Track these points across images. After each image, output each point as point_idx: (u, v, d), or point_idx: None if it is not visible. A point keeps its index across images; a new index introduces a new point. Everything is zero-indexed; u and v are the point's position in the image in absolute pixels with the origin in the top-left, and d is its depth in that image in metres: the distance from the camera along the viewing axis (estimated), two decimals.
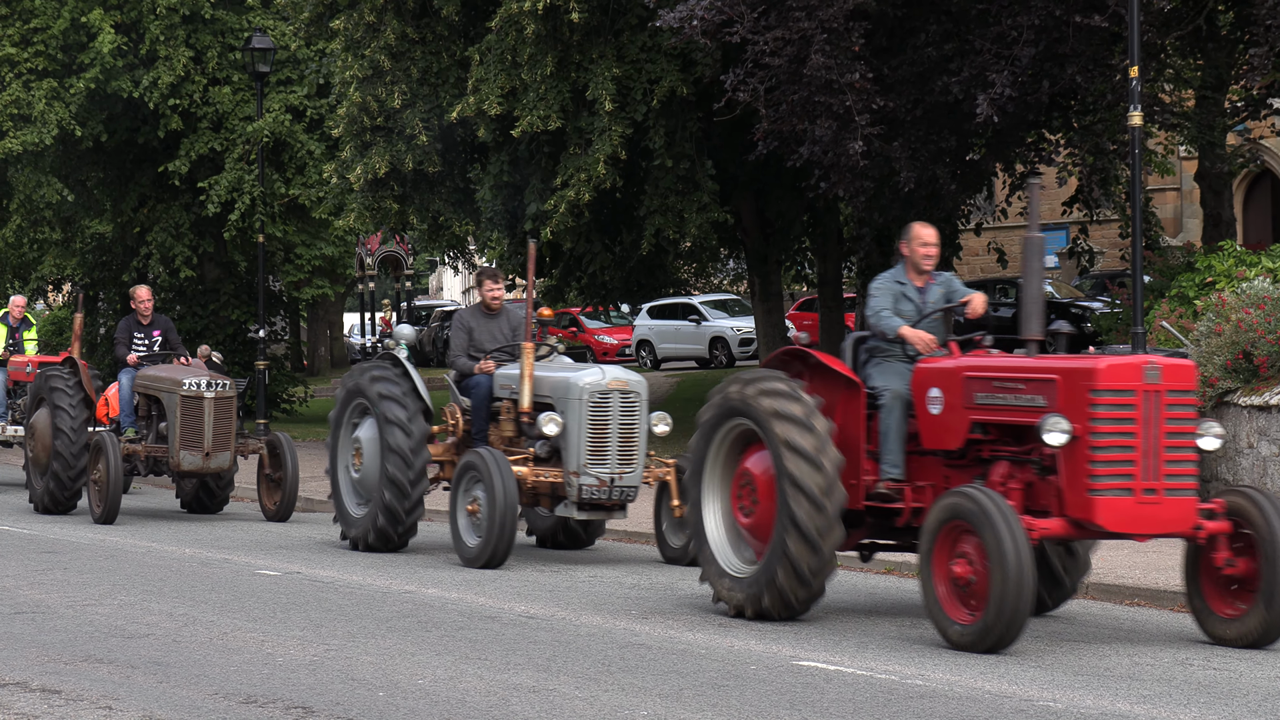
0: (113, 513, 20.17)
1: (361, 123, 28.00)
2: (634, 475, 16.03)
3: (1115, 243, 47.62)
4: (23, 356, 25.95)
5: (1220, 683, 10.26)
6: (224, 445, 20.46)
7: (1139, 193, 19.14)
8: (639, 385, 16.13)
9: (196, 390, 20.31)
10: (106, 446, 20.17)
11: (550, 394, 16.14)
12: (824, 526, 11.95)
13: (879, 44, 23.12)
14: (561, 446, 15.94)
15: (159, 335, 21.94)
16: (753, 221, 28.87)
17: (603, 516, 16.38)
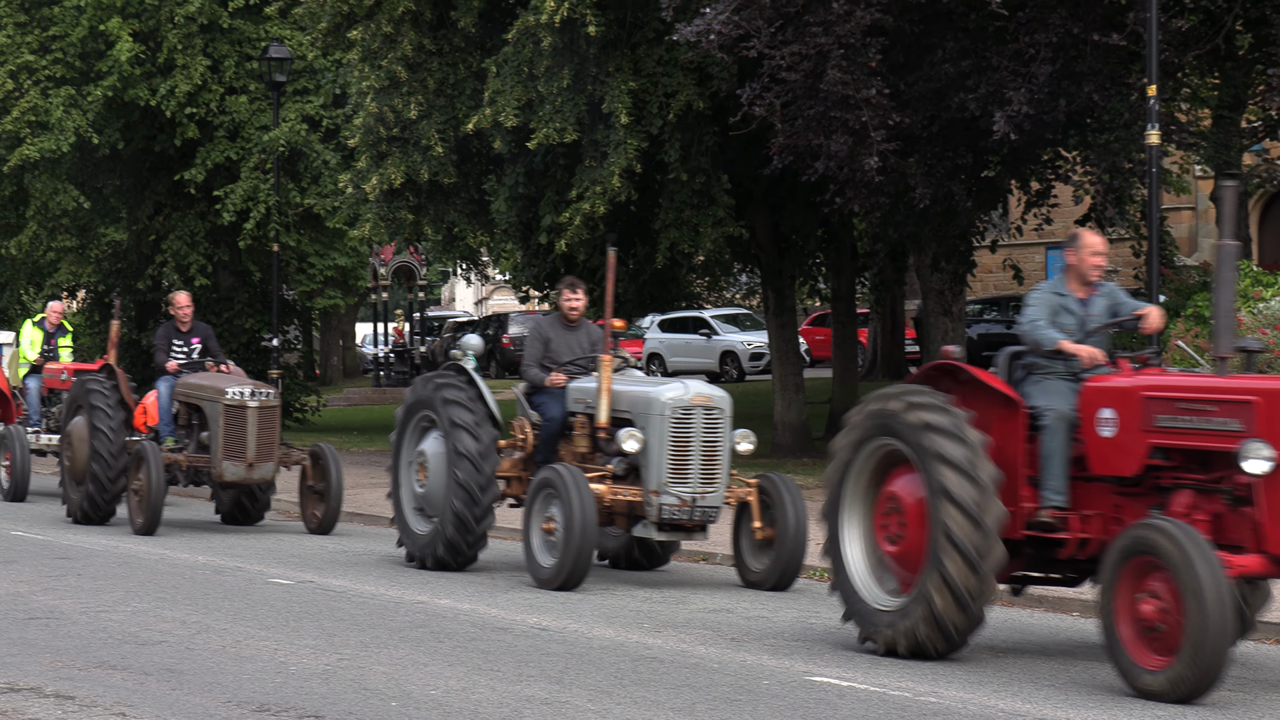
0: (154, 523, 19.70)
1: (377, 133, 28.03)
2: (716, 495, 15.24)
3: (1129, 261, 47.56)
4: (58, 364, 25.48)
5: (1235, 702, 10.23)
6: (267, 456, 20.05)
7: (1156, 212, 19.13)
8: (722, 401, 15.37)
9: (240, 399, 19.87)
10: (148, 456, 19.64)
11: (629, 409, 15.45)
12: (983, 544, 11.01)
13: (896, 60, 23.12)
14: (641, 464, 15.22)
15: (198, 343, 21.45)
16: (767, 236, 28.88)
17: (682, 538, 15.60)
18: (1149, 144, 18.66)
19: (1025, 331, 11.83)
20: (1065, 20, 21.48)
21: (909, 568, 11.49)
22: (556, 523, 14.90)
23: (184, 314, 21.45)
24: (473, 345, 16.76)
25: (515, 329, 57.68)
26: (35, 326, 26.00)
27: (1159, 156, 19.32)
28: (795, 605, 14.12)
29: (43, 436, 25.08)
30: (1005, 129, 21.13)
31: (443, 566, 16.09)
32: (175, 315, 21.51)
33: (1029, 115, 21.31)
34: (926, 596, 11.15)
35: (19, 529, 20.59)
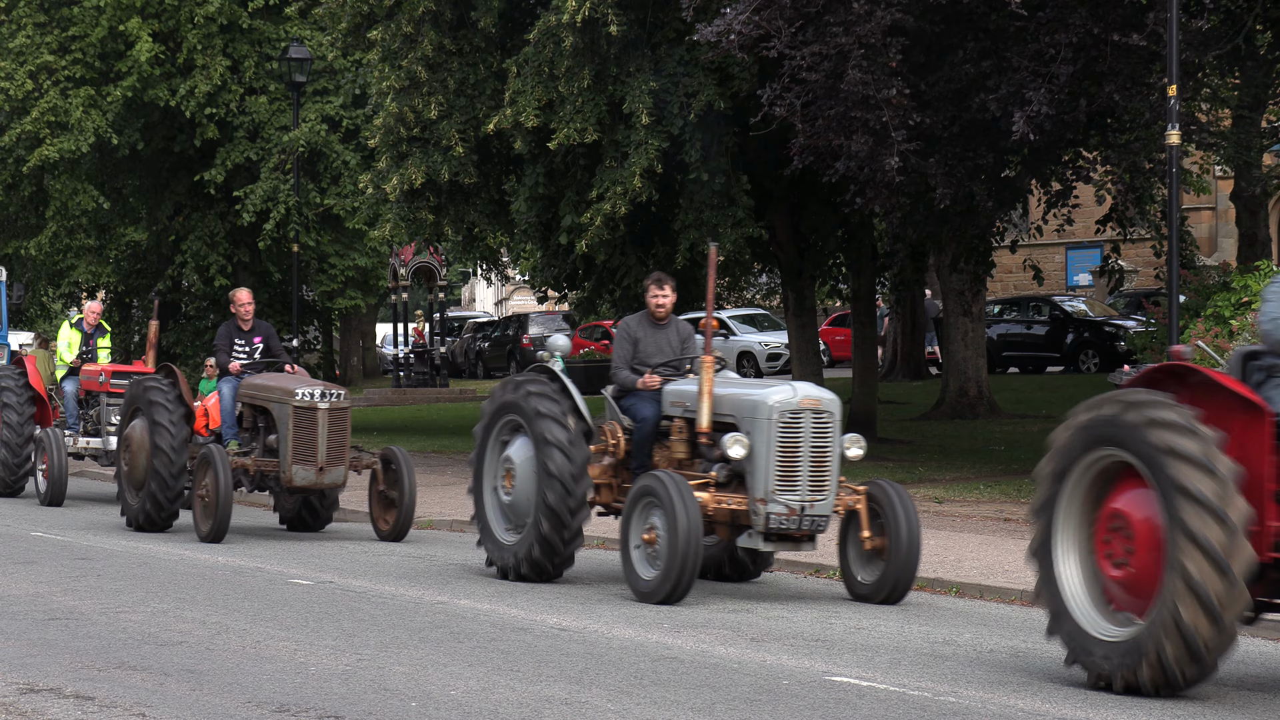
0: (221, 530, 18.83)
1: (398, 133, 28.05)
2: (825, 503, 14.36)
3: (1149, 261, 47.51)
4: (96, 365, 24.78)
5: (1254, 703, 10.20)
6: (338, 460, 19.16)
7: (1176, 212, 19.09)
8: (832, 404, 14.43)
9: (310, 401, 19.01)
10: (215, 460, 18.79)
11: (732, 413, 14.57)
12: (1227, 595, 9.84)
13: (916, 60, 23.09)
14: (746, 470, 14.32)
15: (260, 342, 20.56)
16: (787, 236, 28.85)
17: (789, 549, 14.77)
18: (1169, 144, 18.61)
19: (1267, 331, 10.65)
20: (1085, 20, 21.44)
21: (1137, 594, 10.36)
22: (659, 533, 14.11)
23: (245, 312, 20.53)
24: (560, 346, 15.96)
25: (535, 330, 57.70)
26: (73, 328, 25.38)
27: (1179, 156, 19.27)
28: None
29: (80, 440, 24.49)
30: (1025, 129, 21.09)
31: (537, 568, 15.35)
32: (236, 313, 20.61)
33: (1049, 115, 21.27)
34: (1155, 640, 10.05)
35: (39, 530, 20.63)
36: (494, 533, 15.76)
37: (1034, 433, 29.95)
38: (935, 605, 14.61)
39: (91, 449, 24.40)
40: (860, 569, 14.76)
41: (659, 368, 15.53)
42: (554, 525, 14.99)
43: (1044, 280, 37.99)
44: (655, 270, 16.06)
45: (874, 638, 12.57)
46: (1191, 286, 24.61)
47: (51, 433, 23.83)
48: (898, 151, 21.69)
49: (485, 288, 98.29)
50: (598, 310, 34.20)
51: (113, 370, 24.26)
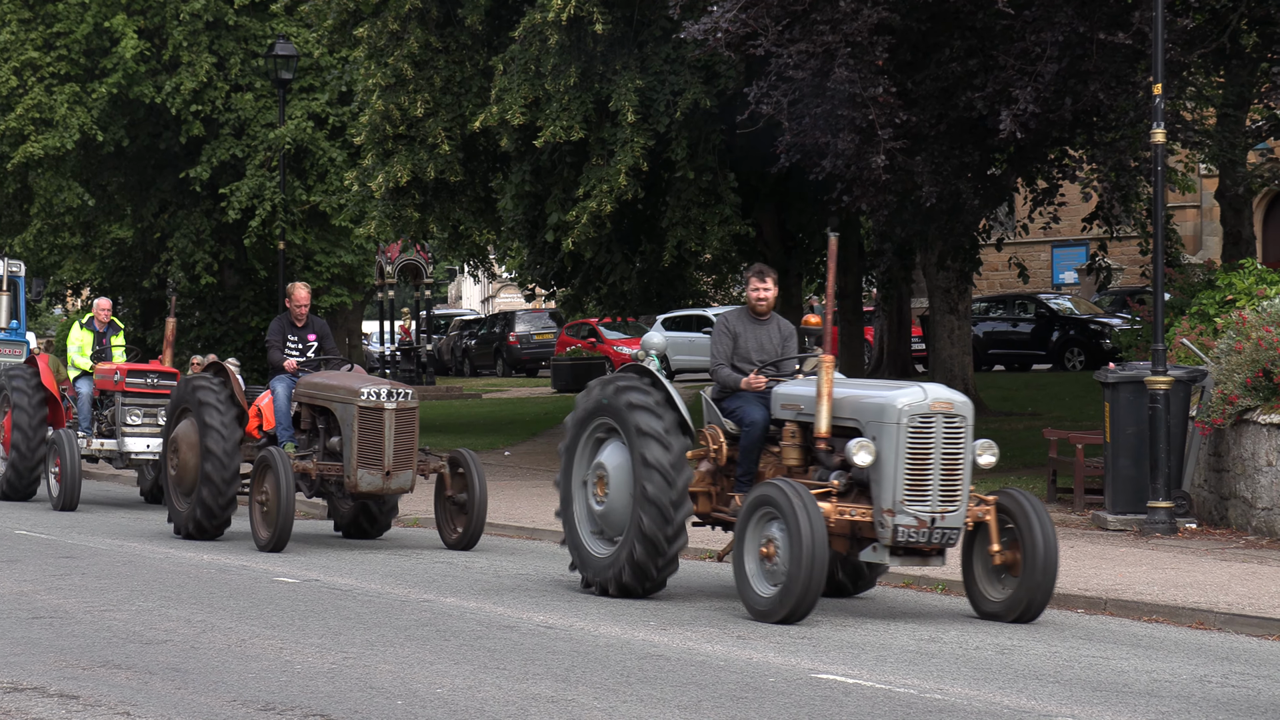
0: (283, 539, 17.76)
1: (384, 131, 28.04)
2: (957, 515, 13.25)
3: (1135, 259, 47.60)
4: (110, 364, 23.66)
5: (1238, 699, 10.23)
6: (406, 463, 18.03)
7: (1161, 210, 19.13)
8: (964, 407, 13.36)
9: (376, 401, 17.88)
10: (277, 464, 17.68)
11: (855, 416, 13.50)
12: None
13: (903, 59, 23.11)
14: (871, 479, 13.26)
15: (313, 339, 19.51)
16: (774, 234, 28.87)
17: (917, 564, 13.64)
18: (1154, 142, 18.65)
19: None
20: (1071, 19, 21.46)
21: None
22: (778, 546, 13.00)
23: (302, 310, 19.48)
24: (655, 344, 14.79)
25: (522, 327, 57.68)
26: (84, 329, 24.21)
27: (1164, 155, 19.31)
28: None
29: (95, 441, 23.41)
30: (1011, 127, 21.11)
31: (627, 593, 14.18)
32: (291, 309, 19.52)
33: (1035, 114, 21.29)
34: None
35: (23, 528, 20.59)
36: (587, 547, 14.64)
37: (1020, 430, 29.96)
38: (921, 602, 14.63)
39: (106, 451, 23.37)
40: (989, 585, 13.67)
41: (763, 367, 14.47)
42: (656, 519, 13.87)
43: (1030, 278, 38.03)
44: (755, 267, 14.95)
45: (859, 635, 12.58)
46: (1176, 284, 24.66)
47: (65, 434, 22.90)
48: (884, 150, 21.70)
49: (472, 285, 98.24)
50: (584, 308, 34.20)
51: (129, 369, 23.33)
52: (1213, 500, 18.89)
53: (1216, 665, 11.51)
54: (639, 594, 14.12)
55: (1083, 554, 16.78)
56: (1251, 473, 17.94)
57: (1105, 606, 14.12)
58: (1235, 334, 18.63)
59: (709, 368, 14.66)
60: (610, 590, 14.23)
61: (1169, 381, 18.23)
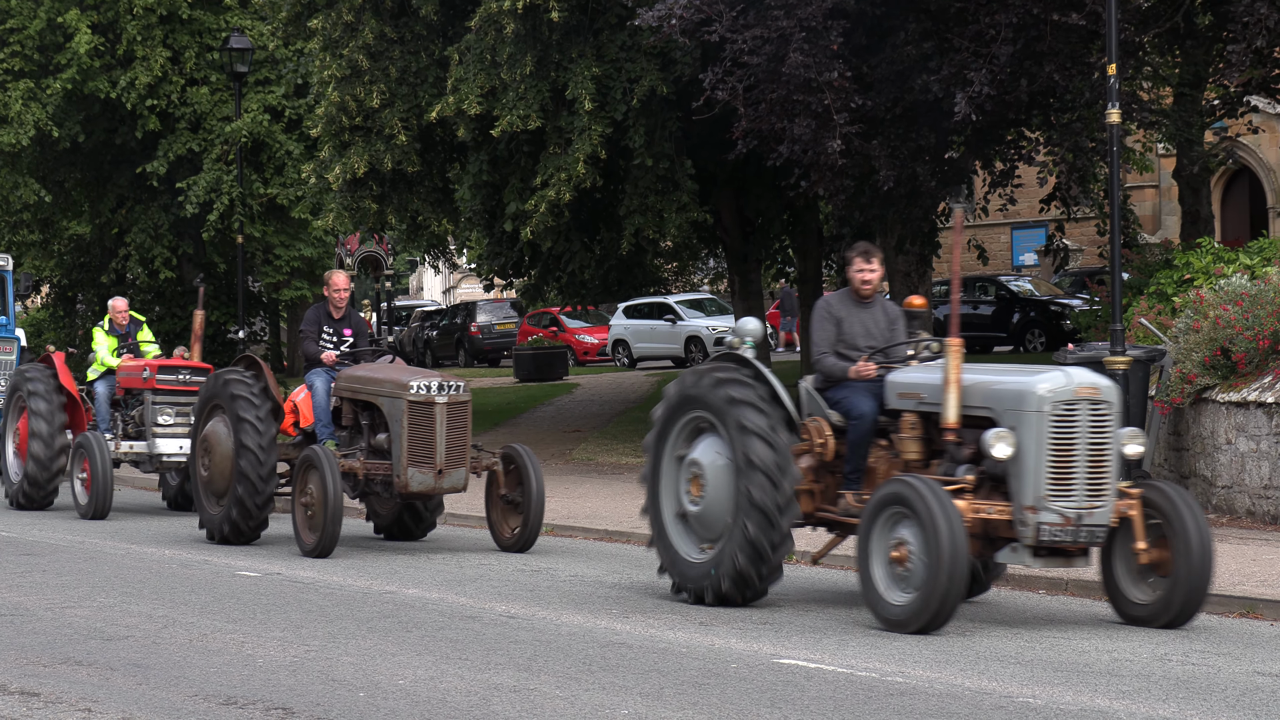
0: (330, 543, 16.58)
1: (340, 122, 27.97)
2: (1104, 511, 12.16)
3: (1094, 240, 47.81)
4: (137, 360, 22.16)
5: (1198, 678, 10.28)
6: (458, 461, 16.87)
7: (1117, 190, 19.20)
8: (1111, 392, 12.28)
9: (426, 395, 16.72)
10: (322, 463, 16.51)
11: (988, 404, 12.37)
12: None
13: (858, 43, 23.14)
14: (1010, 474, 12.15)
15: (350, 333, 18.45)
16: (733, 220, 28.88)
17: (1060, 565, 12.52)
18: (1110, 123, 18.71)
19: None
20: (1025, 1, 21.52)
21: None
22: (911, 549, 11.89)
23: (340, 298, 18.36)
24: (751, 330, 13.58)
25: (483, 318, 57.63)
26: (107, 334, 22.63)
27: (1120, 135, 19.38)
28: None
29: (123, 444, 21.76)
30: (967, 110, 21.17)
31: (726, 602, 13.07)
32: (330, 298, 18.40)
33: (990, 96, 21.36)
34: None
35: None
36: (680, 552, 13.48)
37: None
38: None
39: (135, 453, 21.73)
40: (1133, 586, 12.54)
41: (873, 354, 13.34)
42: (761, 525, 12.74)
43: (989, 260, 38.13)
44: (859, 245, 13.83)
45: (822, 620, 12.60)
46: (1135, 265, 24.75)
47: (94, 437, 21.22)
48: (840, 134, 21.74)
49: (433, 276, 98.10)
50: (545, 297, 34.18)
51: (159, 365, 21.73)
52: (1173, 479, 18.98)
53: (1177, 644, 11.57)
54: (738, 602, 13.05)
55: None
56: (1211, 451, 18.03)
57: (1066, 587, 14.17)
58: (1193, 313, 18.73)
59: (812, 356, 13.58)
60: (707, 599, 13.12)
61: (1128, 361, 18.28)
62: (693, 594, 13.31)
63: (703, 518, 13.30)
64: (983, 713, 9.22)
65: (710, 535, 13.27)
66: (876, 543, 12.18)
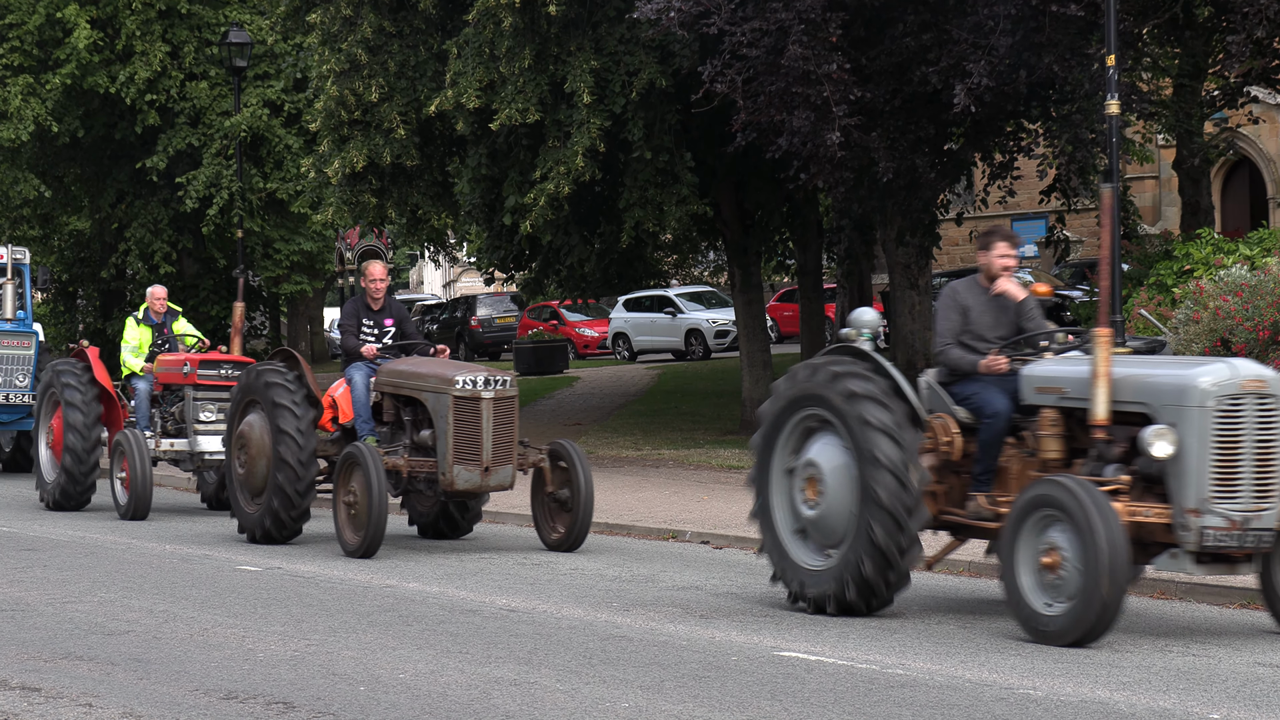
0: (376, 542, 15.93)
1: (339, 117, 27.93)
2: (1272, 513, 11.37)
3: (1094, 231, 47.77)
4: (175, 354, 21.21)
5: (1199, 669, 10.28)
6: (505, 458, 16.30)
7: (1116, 181, 19.18)
8: (1277, 384, 11.45)
9: (473, 390, 16.17)
10: (366, 461, 15.89)
11: (1142, 399, 11.59)
12: None
13: (857, 35, 23.13)
14: (1170, 474, 11.36)
15: (391, 324, 17.69)
16: (732, 213, 28.87)
17: (1223, 572, 11.75)
18: (1109, 114, 18.69)
19: None
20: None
21: None
22: (1065, 555, 11.10)
23: (377, 288, 17.60)
24: (867, 321, 12.84)
25: (483, 311, 57.63)
26: (140, 324, 21.79)
27: (1119, 126, 19.37)
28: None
29: (163, 442, 20.83)
30: (965, 101, 21.15)
31: (849, 611, 12.22)
32: (367, 289, 17.68)
33: (989, 87, 21.34)
34: None
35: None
36: (793, 557, 12.64)
37: None
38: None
39: (175, 451, 20.85)
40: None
41: (1004, 346, 12.52)
42: (889, 530, 11.89)
43: None
44: (999, 229, 13.11)
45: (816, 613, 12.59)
46: (1134, 256, 24.75)
47: (133, 435, 20.29)
48: (839, 126, 21.72)
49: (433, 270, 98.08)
50: (545, 290, 34.17)
51: (200, 359, 20.78)
52: None
53: (1177, 636, 11.57)
54: (863, 612, 12.22)
55: None
56: None
57: None
58: (1193, 304, 18.72)
59: (935, 347, 12.73)
60: (829, 608, 12.25)
61: (1127, 352, 18.24)
62: (812, 604, 12.43)
63: (821, 522, 12.46)
64: (983, 705, 9.22)
65: (830, 541, 12.42)
66: (1024, 548, 11.38)
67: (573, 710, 9.13)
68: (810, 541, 12.61)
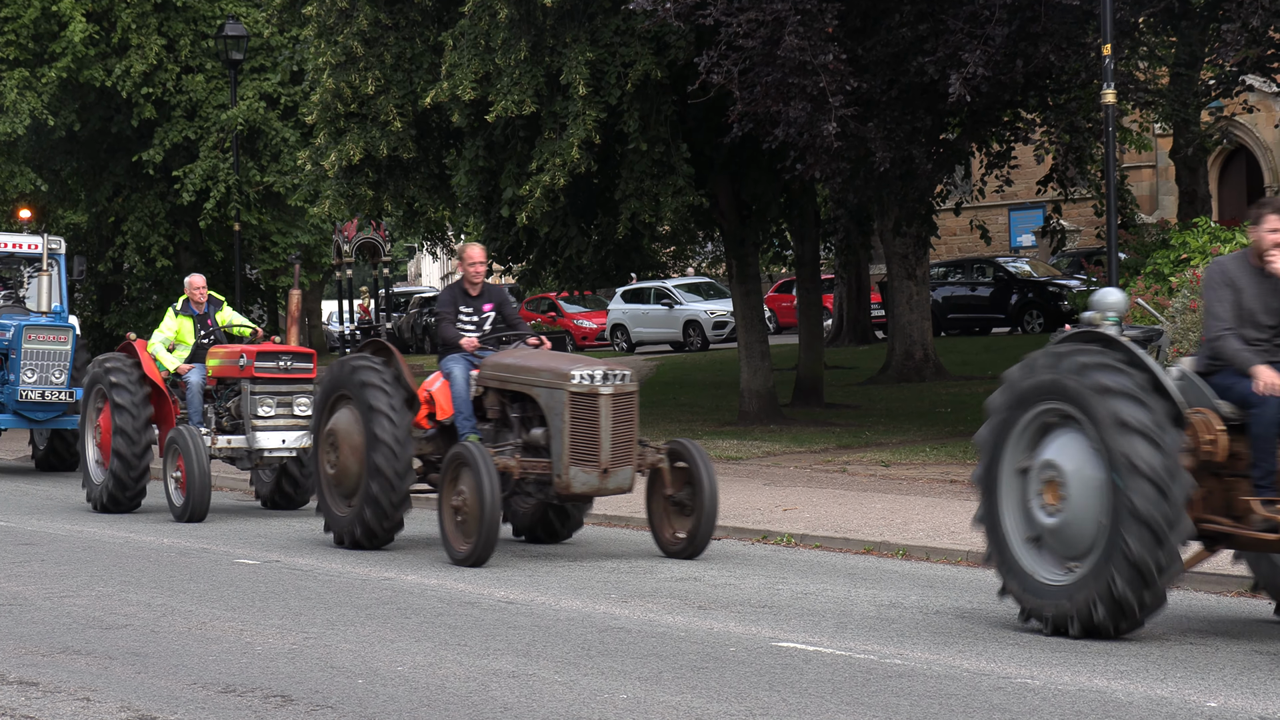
0: (487, 551, 14.75)
1: (335, 109, 27.92)
2: None
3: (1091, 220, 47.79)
4: (231, 345, 20.25)
5: (1196, 657, 10.29)
6: (624, 459, 15.07)
7: (1113, 170, 19.19)
8: None
9: (590, 385, 14.95)
10: (476, 461, 14.65)
11: None
12: None
13: (853, 25, 23.11)
14: None
15: (490, 310, 16.49)
16: (729, 204, 28.84)
17: None
18: (1105, 103, 18.69)
19: None
20: None
21: None
22: None
23: (477, 272, 16.41)
24: (1114, 303, 11.42)
25: None
26: (180, 315, 20.63)
27: (1115, 115, 19.35)
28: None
29: (219, 439, 19.74)
30: (961, 91, 21.14)
31: (1094, 633, 10.83)
32: (465, 274, 16.51)
33: (986, 77, 21.32)
34: None
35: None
36: (1031, 572, 11.25)
37: (980, 394, 30.03)
38: (881, 568, 14.66)
39: (232, 449, 19.77)
40: None
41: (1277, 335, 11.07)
42: (1145, 543, 10.54)
43: (991, 240, 38.12)
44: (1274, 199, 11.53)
45: (821, 603, 12.60)
46: (1132, 245, 24.74)
47: (188, 431, 19.21)
48: (836, 117, 21.70)
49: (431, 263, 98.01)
50: (542, 282, 34.12)
51: (257, 351, 19.70)
52: None
53: (1175, 624, 11.57)
54: (1110, 634, 10.81)
55: None
56: None
57: None
58: (1190, 293, 18.71)
59: (1207, 333, 11.18)
60: (1071, 629, 10.85)
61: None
62: (1050, 623, 11.03)
63: (1062, 531, 11.04)
64: (980, 694, 9.23)
65: (1072, 553, 11.02)
66: None
67: (571, 701, 9.13)
68: (1047, 552, 11.20)
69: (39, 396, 25.17)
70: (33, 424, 25.83)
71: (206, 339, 20.56)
